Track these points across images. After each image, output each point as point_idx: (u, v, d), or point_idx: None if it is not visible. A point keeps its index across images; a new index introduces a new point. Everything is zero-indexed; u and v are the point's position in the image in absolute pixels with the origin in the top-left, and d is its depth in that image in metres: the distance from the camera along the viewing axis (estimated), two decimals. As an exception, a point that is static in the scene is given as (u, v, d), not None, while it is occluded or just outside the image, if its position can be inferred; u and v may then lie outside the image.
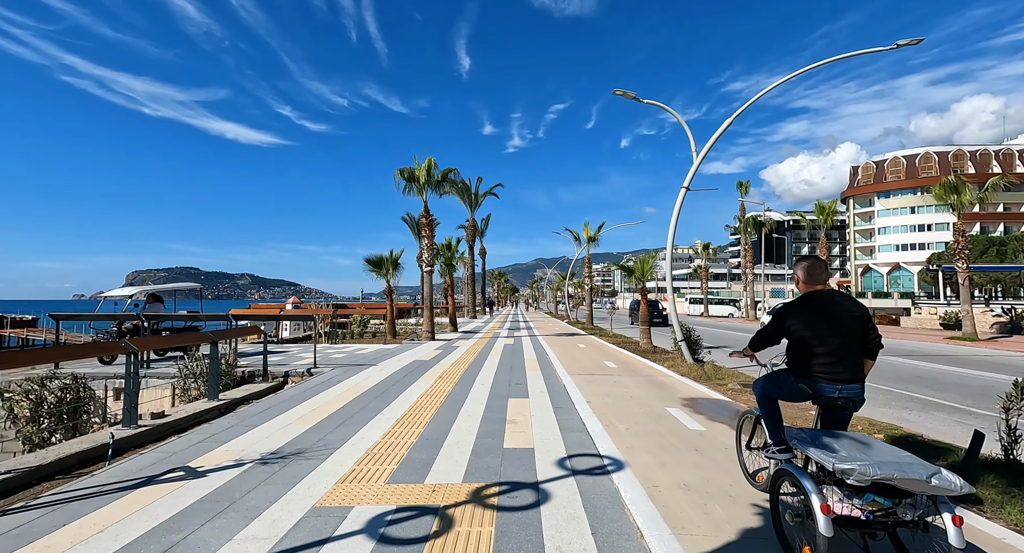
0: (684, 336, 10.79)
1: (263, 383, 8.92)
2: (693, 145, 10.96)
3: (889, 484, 2.36)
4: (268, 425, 5.68)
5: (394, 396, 7.27)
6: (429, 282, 17.87)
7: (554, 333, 21.60)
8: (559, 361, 11.64)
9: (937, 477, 2.28)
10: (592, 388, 8.08)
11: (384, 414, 6.17)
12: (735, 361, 12.40)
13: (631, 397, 7.39)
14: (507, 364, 11.03)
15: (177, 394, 8.82)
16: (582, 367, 10.64)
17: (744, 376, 9.68)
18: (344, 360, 11.44)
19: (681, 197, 10.80)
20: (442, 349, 14.35)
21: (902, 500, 2.42)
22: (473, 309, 40.46)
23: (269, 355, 12.00)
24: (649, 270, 15.14)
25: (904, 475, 2.30)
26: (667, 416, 6.19)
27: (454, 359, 11.89)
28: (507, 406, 6.70)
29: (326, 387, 8.03)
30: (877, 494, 2.41)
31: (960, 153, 74.95)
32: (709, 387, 8.42)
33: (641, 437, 5.21)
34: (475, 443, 4.96)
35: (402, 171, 16.91)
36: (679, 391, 7.96)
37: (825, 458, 2.47)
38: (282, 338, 20.50)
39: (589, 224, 28.12)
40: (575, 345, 16.03)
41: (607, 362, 11.48)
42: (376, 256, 20.16)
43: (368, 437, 5.15)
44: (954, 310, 24.59)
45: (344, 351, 13.51)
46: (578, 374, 9.60)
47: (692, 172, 10.83)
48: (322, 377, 8.99)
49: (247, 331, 9.23)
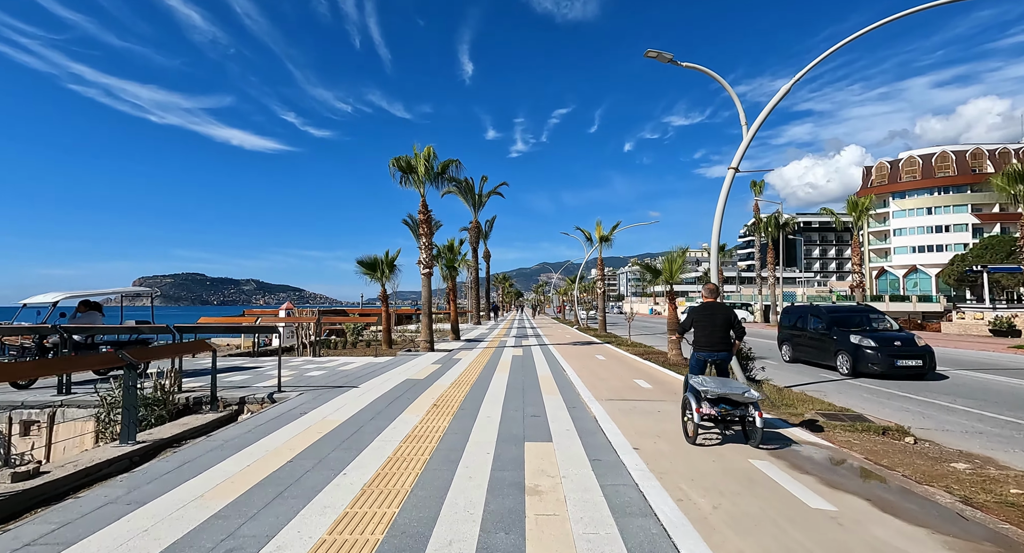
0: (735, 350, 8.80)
1: (210, 413, 7.01)
2: (743, 118, 9.03)
3: (728, 398, 5.08)
4: (166, 499, 3.76)
5: (367, 440, 5.32)
6: (428, 286, 15.95)
7: (566, 341, 19.62)
8: (580, 379, 9.68)
9: (747, 393, 5.02)
10: (633, 423, 6.12)
11: (345, 477, 4.23)
12: (780, 374, 10.48)
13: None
14: (518, 384, 9.08)
15: (102, 429, 6.93)
16: (610, 388, 8.67)
17: (820, 402, 7.68)
18: (321, 379, 9.52)
19: (729, 179, 8.87)
20: (441, 363, 12.41)
21: (737, 407, 5.12)
22: (477, 314, 38.51)
23: (235, 373, 10.22)
24: (678, 270, 13.17)
25: (732, 391, 5.04)
26: (761, 478, 4.23)
27: (454, 377, 9.94)
28: (524, 457, 4.75)
29: (283, 422, 6.10)
30: (725, 403, 5.13)
31: (979, 152, 72.63)
32: (785, 419, 6.43)
33: (746, 531, 3.25)
34: (478, 546, 3.02)
35: (397, 160, 15.00)
36: (750, 428, 5.98)
37: (698, 386, 5.20)
38: (274, 348, 18.70)
39: (602, 223, 26.14)
40: (592, 357, 14.07)
41: (638, 381, 9.50)
42: (370, 257, 18.28)
43: (308, 532, 3.21)
44: (1006, 314, 22.43)
45: (326, 366, 11.59)
46: (608, 399, 7.64)
47: (742, 150, 8.90)
48: (285, 406, 7.07)
49: (188, 347, 7.32)
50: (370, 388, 8.52)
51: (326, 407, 6.95)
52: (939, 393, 9.47)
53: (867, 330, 11.98)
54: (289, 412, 6.63)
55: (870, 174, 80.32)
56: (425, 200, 15.65)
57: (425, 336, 15.54)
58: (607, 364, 12.22)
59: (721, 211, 8.86)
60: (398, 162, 15.00)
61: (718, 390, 5.05)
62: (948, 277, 55.36)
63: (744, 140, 8.99)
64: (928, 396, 9.17)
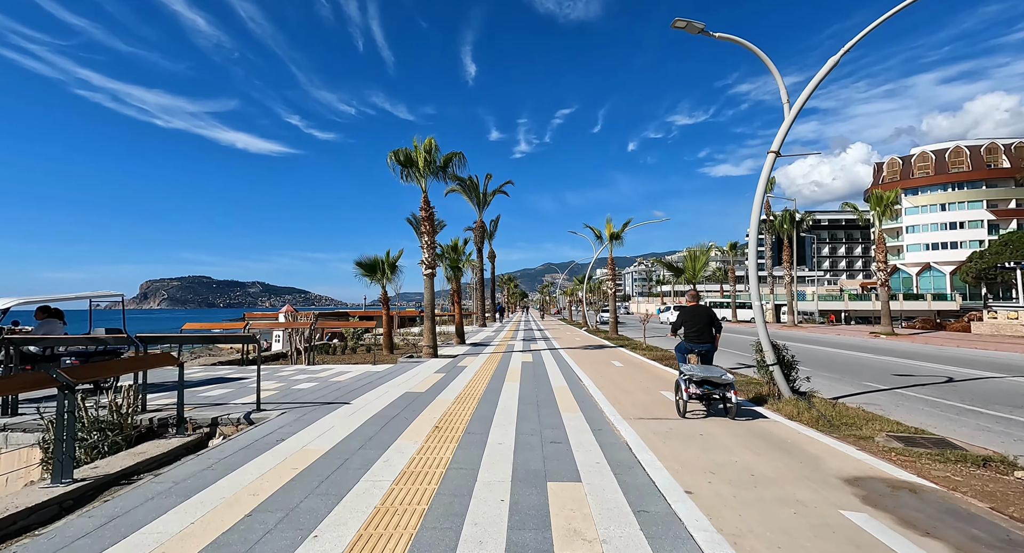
0: (777, 358, 7.72)
1: (175, 438, 6.01)
2: (784, 95, 7.94)
3: (710, 380, 6.29)
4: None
5: (351, 481, 4.29)
6: (430, 287, 14.92)
7: (577, 345, 18.54)
8: (599, 391, 8.63)
9: (724, 376, 6.26)
10: (675, 453, 5.06)
11: (316, 543, 3.20)
12: (817, 383, 9.32)
13: (752, 477, 4.36)
14: (531, 398, 8.03)
15: (48, 459, 5.93)
16: (636, 403, 7.60)
17: (884, 421, 6.57)
18: (310, 393, 8.51)
19: (769, 163, 7.79)
20: (445, 371, 11.38)
21: (717, 388, 6.32)
22: (482, 316, 37.46)
23: (216, 386, 9.10)
24: (702, 268, 12.08)
25: (712, 375, 6.28)
26: (870, 543, 3.16)
27: (459, 389, 8.90)
28: (548, 506, 3.71)
29: (254, 453, 5.08)
30: (708, 385, 6.34)
31: (994, 146, 70.91)
32: (848, 444, 5.35)
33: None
34: None
35: (396, 153, 13.98)
36: (820, 460, 4.89)
37: (687, 371, 6.42)
38: (274, 353, 17.78)
39: (612, 220, 24.99)
40: (608, 363, 13.00)
41: (666, 393, 8.42)
42: (369, 258, 17.29)
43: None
44: (1043, 314, 21.16)
45: (319, 377, 10.58)
46: (637, 418, 6.57)
47: (783, 131, 7.82)
48: (261, 429, 6.05)
49: (146, 362, 6.28)
50: (364, 405, 7.49)
51: (309, 431, 5.92)
52: (1011, 406, 8.35)
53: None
54: (264, 439, 5.60)
55: (881, 170, 78.68)
56: (427, 196, 14.63)
57: (428, 341, 14.51)
58: (626, 372, 11.15)
59: (760, 197, 7.78)
60: (396, 155, 13.98)
61: (702, 374, 6.39)
62: (966, 275, 53.74)
63: (786, 120, 7.91)
64: (1001, 410, 8.05)
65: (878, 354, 16.91)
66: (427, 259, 14.65)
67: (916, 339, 22.93)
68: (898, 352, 17.65)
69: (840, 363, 14.20)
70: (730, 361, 14.42)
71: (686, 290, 11.65)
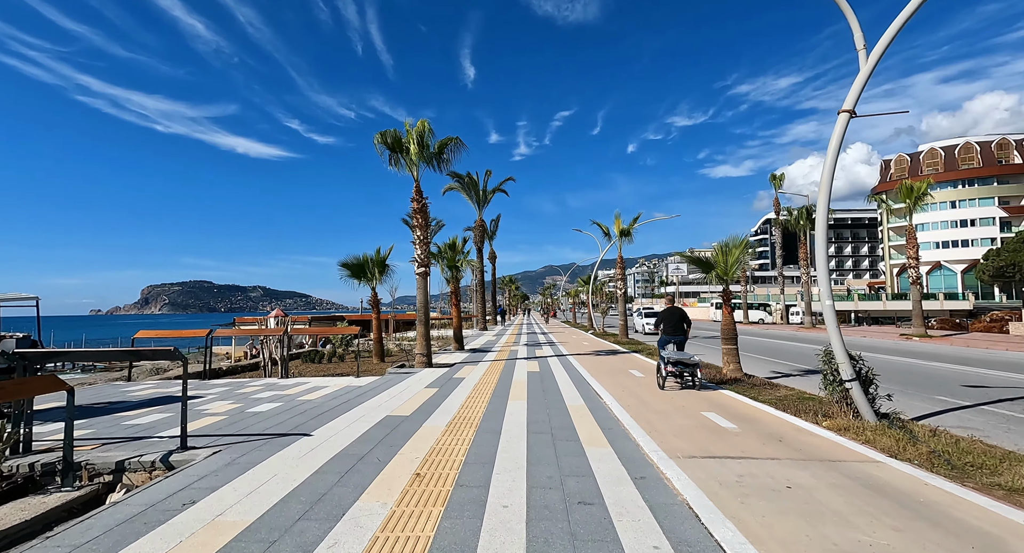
0: (855, 373, 6.04)
1: (56, 494, 4.35)
2: (860, 41, 6.29)
3: (682, 361, 8.59)
4: None
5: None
6: (424, 287, 13.25)
7: (586, 351, 16.85)
8: (625, 411, 6.95)
9: (692, 358, 8.70)
10: (767, 522, 3.38)
11: None
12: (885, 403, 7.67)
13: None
14: (542, 424, 6.34)
15: None
16: (676, 429, 5.92)
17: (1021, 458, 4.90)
18: (266, 419, 6.83)
19: (842, 124, 6.15)
20: (438, 385, 9.71)
21: (687, 367, 8.61)
22: (483, 319, 35.75)
23: (154, 409, 6.95)
24: (735, 264, 10.42)
25: (683, 357, 8.58)
26: None
27: (452, 412, 7.22)
28: None
29: (141, 529, 3.41)
30: (680, 365, 8.63)
31: (1005, 142, 69.26)
32: (997, 500, 3.68)
33: None
34: None
35: (383, 135, 12.30)
36: (988, 535, 3.23)
37: (666, 356, 8.70)
38: (252, 363, 16.15)
39: (621, 216, 23.32)
40: (626, 372, 11.34)
41: (710, 415, 6.73)
42: (355, 258, 15.66)
43: None
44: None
45: (287, 394, 8.91)
46: (689, 456, 4.89)
47: (859, 84, 6.17)
48: (175, 479, 4.38)
49: (23, 388, 4.58)
50: (328, 437, 5.81)
51: (237, 485, 4.24)
52: None
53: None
54: (168, 500, 3.92)
55: (888, 168, 77.02)
56: (419, 184, 12.97)
57: (421, 349, 12.83)
58: (650, 385, 9.46)
59: (832, 162, 6.14)
60: (384, 137, 12.32)
61: (675, 356, 8.58)
62: (982, 273, 52.01)
63: (862, 71, 6.26)
64: None
65: (925, 360, 15.21)
66: (420, 256, 12.99)
67: (954, 341, 21.22)
68: (945, 357, 15.95)
69: (891, 372, 12.46)
70: (763, 369, 12.76)
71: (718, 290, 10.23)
